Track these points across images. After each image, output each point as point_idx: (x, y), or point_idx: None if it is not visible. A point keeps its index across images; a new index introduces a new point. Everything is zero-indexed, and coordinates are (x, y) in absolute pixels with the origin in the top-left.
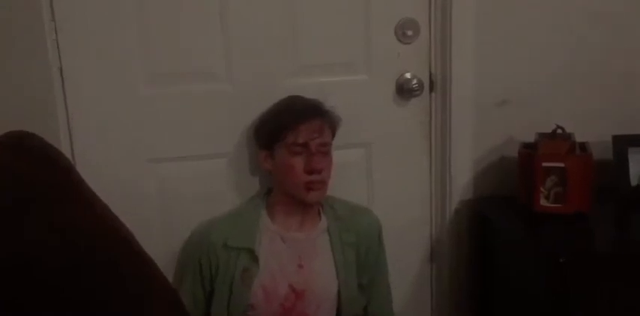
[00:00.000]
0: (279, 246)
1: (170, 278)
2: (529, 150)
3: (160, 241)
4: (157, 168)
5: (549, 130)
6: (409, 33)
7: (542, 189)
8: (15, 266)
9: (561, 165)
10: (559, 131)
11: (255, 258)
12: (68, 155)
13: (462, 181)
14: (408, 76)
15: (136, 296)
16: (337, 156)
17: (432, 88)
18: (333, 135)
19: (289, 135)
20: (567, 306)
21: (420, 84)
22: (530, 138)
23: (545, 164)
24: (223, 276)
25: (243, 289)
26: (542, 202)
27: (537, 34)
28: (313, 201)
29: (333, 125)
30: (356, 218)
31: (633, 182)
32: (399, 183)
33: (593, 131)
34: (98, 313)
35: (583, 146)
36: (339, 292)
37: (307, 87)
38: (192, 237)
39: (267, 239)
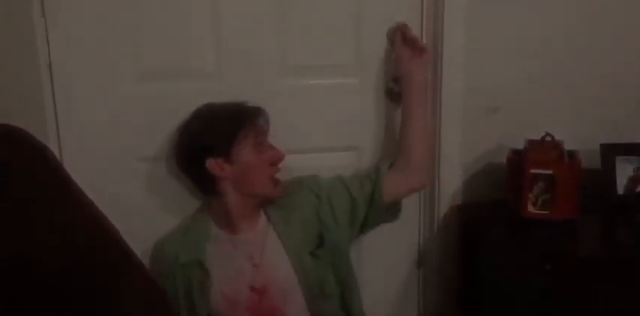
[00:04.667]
0: (230, 251)
1: None
2: (518, 157)
3: (145, 240)
4: (145, 166)
5: (538, 137)
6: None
7: (530, 195)
8: (15, 266)
9: (550, 172)
10: (548, 138)
11: (205, 268)
12: (56, 151)
13: (450, 186)
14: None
15: (135, 296)
16: (327, 158)
17: None
18: None
19: (251, 130)
20: (553, 312)
21: None
22: (520, 144)
23: (533, 170)
24: (183, 291)
25: (202, 300)
26: (530, 208)
27: (528, 40)
28: (281, 194)
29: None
30: (291, 197)
31: (620, 190)
32: None
33: (582, 139)
34: (99, 313)
35: (572, 153)
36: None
37: (298, 88)
38: (152, 258)
39: (217, 247)
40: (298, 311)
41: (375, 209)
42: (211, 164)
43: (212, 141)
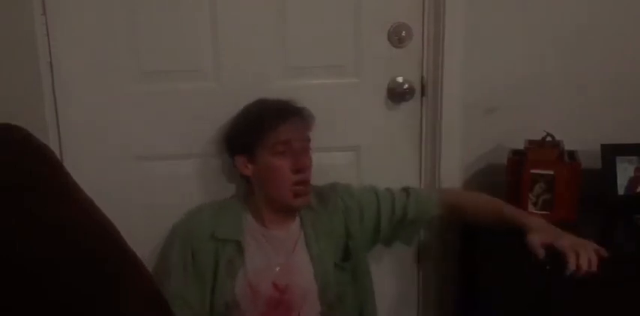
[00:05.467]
0: (262, 244)
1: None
2: (518, 157)
3: (145, 240)
4: (145, 165)
5: (539, 137)
6: (402, 37)
7: (530, 195)
8: (11, 266)
9: (550, 172)
10: (548, 138)
11: (241, 250)
12: (56, 150)
13: (450, 186)
14: (399, 80)
15: (135, 296)
16: (327, 158)
17: (423, 93)
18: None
19: (271, 135)
20: (553, 312)
21: (411, 88)
22: (520, 144)
23: (533, 171)
24: (207, 267)
25: (227, 280)
26: (530, 209)
27: (529, 41)
28: (300, 206)
29: (310, 122)
30: (324, 204)
31: (620, 191)
32: (388, 186)
33: (582, 139)
34: (98, 313)
35: (572, 154)
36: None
37: (297, 88)
38: (175, 232)
39: (251, 237)
40: (313, 315)
41: (396, 230)
42: (238, 161)
43: (240, 140)
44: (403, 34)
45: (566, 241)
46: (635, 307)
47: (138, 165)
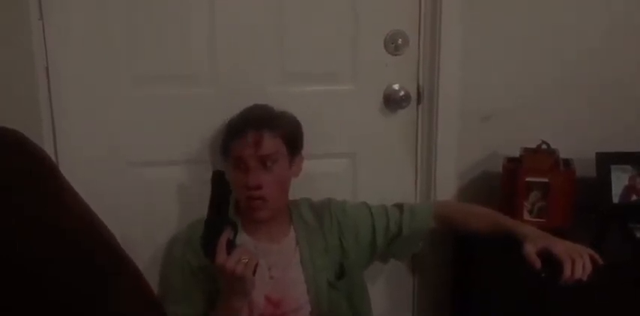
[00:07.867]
0: None
1: (152, 281)
2: (513, 165)
3: (140, 245)
4: (140, 171)
5: (534, 145)
6: (398, 45)
7: (525, 203)
8: (11, 266)
9: (545, 180)
10: (544, 146)
11: None
12: (51, 154)
13: (446, 194)
14: (395, 87)
15: (130, 300)
16: (322, 165)
17: (419, 100)
18: (291, 145)
19: (230, 149)
20: None
21: (407, 95)
22: (515, 152)
23: (528, 179)
24: (202, 278)
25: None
26: (525, 216)
27: (525, 50)
28: (260, 219)
29: (283, 134)
30: (319, 222)
31: (615, 199)
32: (383, 193)
33: (577, 148)
34: (98, 315)
35: (567, 162)
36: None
37: (293, 94)
38: (172, 249)
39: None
40: None
41: (392, 247)
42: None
43: (222, 144)
44: (399, 41)
45: (562, 247)
46: (630, 312)
47: (133, 170)
